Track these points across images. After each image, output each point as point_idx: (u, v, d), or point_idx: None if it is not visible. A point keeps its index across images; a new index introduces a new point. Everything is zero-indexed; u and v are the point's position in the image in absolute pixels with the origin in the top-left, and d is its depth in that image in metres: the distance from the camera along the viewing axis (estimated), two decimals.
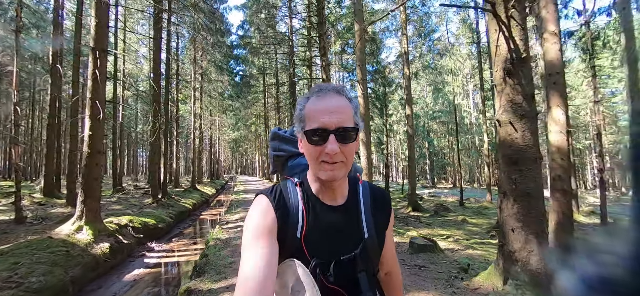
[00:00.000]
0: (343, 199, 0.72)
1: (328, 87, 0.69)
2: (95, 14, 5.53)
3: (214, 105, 23.85)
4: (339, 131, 0.63)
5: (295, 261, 0.64)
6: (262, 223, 0.64)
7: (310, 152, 0.65)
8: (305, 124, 0.66)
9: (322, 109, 0.64)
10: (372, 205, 0.75)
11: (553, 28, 4.14)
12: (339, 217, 0.70)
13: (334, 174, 0.64)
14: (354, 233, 0.70)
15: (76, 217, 5.23)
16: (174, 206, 10.38)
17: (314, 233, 0.67)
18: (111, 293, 4.26)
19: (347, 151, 0.64)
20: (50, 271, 3.83)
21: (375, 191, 0.79)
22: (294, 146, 0.85)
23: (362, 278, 0.68)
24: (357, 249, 0.68)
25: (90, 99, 5.40)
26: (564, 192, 4.05)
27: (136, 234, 6.54)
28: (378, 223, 0.74)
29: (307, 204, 0.69)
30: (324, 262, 0.65)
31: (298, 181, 0.72)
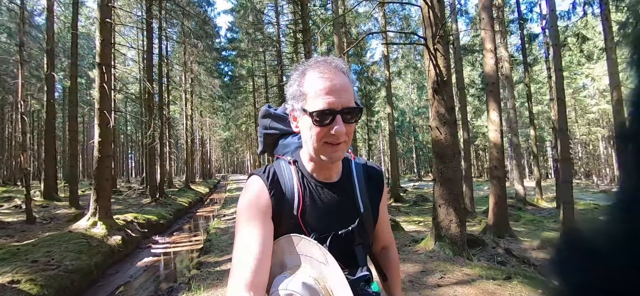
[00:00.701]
0: (338, 176, 0.72)
1: (330, 62, 0.65)
2: (100, 33, 6.20)
3: (204, 106, 24.33)
4: (345, 111, 0.62)
5: (293, 235, 0.64)
6: (256, 204, 0.64)
7: (314, 133, 0.63)
8: (306, 102, 0.64)
9: (327, 88, 0.62)
10: (366, 181, 0.76)
11: (490, 46, 5.11)
12: (334, 193, 0.70)
13: (337, 154, 0.64)
14: (349, 208, 0.71)
15: (90, 214, 5.94)
16: (171, 204, 11.07)
17: (311, 210, 0.67)
18: (128, 276, 5.04)
19: (349, 131, 0.64)
20: (77, 257, 4.58)
21: (368, 167, 0.79)
22: (286, 124, 0.84)
23: (358, 251, 0.70)
24: (354, 223, 0.69)
25: (99, 110, 6.08)
26: (499, 179, 5.05)
27: (141, 229, 7.26)
28: (372, 197, 0.75)
29: (302, 182, 0.69)
30: (321, 237, 0.66)
31: (291, 159, 0.72)
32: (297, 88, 0.65)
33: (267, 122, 0.89)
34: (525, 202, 11.17)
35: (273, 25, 18.25)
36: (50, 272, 3.92)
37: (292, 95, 0.67)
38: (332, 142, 0.63)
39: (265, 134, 0.90)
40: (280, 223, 0.66)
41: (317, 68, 0.64)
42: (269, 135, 0.89)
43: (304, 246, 0.63)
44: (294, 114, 0.68)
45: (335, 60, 0.66)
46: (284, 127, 0.86)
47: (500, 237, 4.89)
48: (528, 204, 11.23)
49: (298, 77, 0.67)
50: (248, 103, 26.62)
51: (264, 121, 0.90)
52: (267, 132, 0.89)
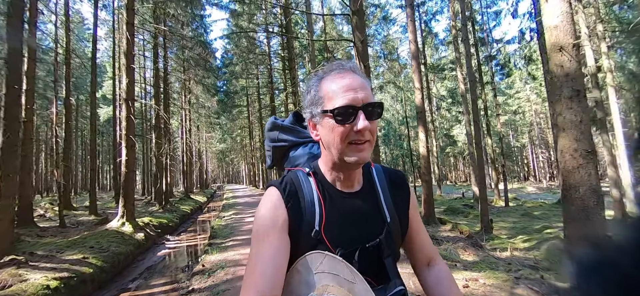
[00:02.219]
0: (359, 185, 0.69)
1: (344, 64, 0.65)
2: (127, 75, 7.98)
3: (201, 122, 26.03)
4: (367, 107, 0.60)
5: (316, 252, 0.61)
6: (272, 217, 0.61)
7: (337, 133, 0.61)
8: (325, 104, 0.62)
9: (346, 85, 0.61)
10: (390, 187, 0.72)
11: (418, 85, 7.04)
12: (358, 203, 0.67)
13: (363, 155, 0.61)
14: (375, 218, 0.67)
15: (119, 216, 7.61)
16: (176, 211, 12.69)
17: (334, 223, 0.64)
18: (154, 261, 6.71)
19: (373, 128, 0.62)
20: (118, 246, 6.26)
21: (390, 172, 0.76)
22: (295, 135, 0.83)
23: (389, 263, 0.65)
24: (381, 234, 0.66)
25: (126, 135, 7.82)
26: (427, 182, 6.92)
27: (156, 230, 8.92)
28: (398, 205, 0.71)
29: (323, 193, 0.66)
30: (348, 252, 0.62)
31: (310, 170, 0.69)
32: (315, 93, 0.64)
33: (275, 134, 0.86)
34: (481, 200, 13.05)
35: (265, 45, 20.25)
36: (103, 253, 5.61)
37: (310, 102, 0.65)
38: (357, 142, 0.60)
39: (273, 148, 0.87)
40: (300, 237, 0.62)
41: (332, 71, 0.64)
42: (278, 148, 0.86)
43: (330, 264, 0.59)
44: (314, 121, 0.66)
45: (348, 62, 0.66)
46: (293, 138, 0.84)
47: (428, 224, 6.72)
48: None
49: (315, 84, 0.66)
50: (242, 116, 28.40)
51: (272, 134, 0.87)
52: (276, 145, 0.86)
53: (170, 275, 5.73)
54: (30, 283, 3.89)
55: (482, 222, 7.33)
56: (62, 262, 4.82)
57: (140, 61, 20.48)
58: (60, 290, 4.07)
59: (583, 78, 2.98)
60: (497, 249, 5.54)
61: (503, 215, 10.54)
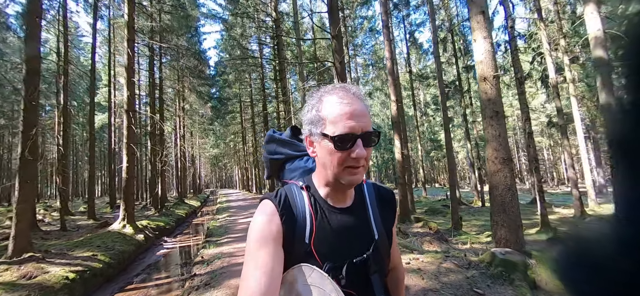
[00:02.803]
0: (351, 201, 0.72)
1: (349, 89, 0.67)
2: (128, 88, 8.61)
3: (195, 127, 26.53)
4: (365, 135, 0.63)
5: (306, 265, 0.62)
6: (267, 230, 0.63)
7: (334, 157, 0.63)
8: (326, 127, 0.64)
9: (349, 113, 0.63)
10: (379, 204, 0.75)
11: (393, 98, 7.88)
12: (348, 219, 0.69)
13: (357, 178, 0.64)
14: (364, 234, 0.70)
15: (121, 218, 8.19)
16: (172, 215, 13.23)
17: (324, 237, 0.66)
18: (154, 259, 7.32)
19: (368, 154, 0.64)
20: (121, 245, 6.87)
21: (380, 189, 0.78)
22: (292, 149, 0.86)
23: (375, 279, 0.67)
24: (369, 250, 0.67)
25: (127, 143, 8.43)
26: (402, 184, 7.74)
27: (154, 232, 9.49)
28: (386, 222, 0.74)
29: (315, 207, 0.68)
30: (336, 266, 0.64)
31: (304, 184, 0.71)
32: (316, 113, 0.66)
33: (273, 147, 0.89)
34: (460, 202, 13.99)
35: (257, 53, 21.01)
36: (110, 252, 6.22)
37: (310, 120, 0.67)
38: (352, 166, 0.63)
39: (270, 160, 0.89)
40: (292, 250, 0.64)
41: (335, 94, 0.65)
42: (275, 160, 0.88)
43: (316, 279, 0.61)
44: (312, 139, 0.67)
45: (353, 87, 0.68)
46: (289, 152, 0.86)
47: (402, 222, 7.52)
48: (462, 204, 14.05)
49: (316, 102, 0.67)
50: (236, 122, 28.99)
51: (269, 147, 0.90)
52: (273, 157, 0.88)
53: (170, 271, 6.38)
54: (52, 274, 4.51)
55: (453, 220, 8.17)
56: (74, 259, 5.43)
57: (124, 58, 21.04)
58: (76, 281, 4.71)
59: (501, 101, 3.81)
60: (459, 242, 6.34)
61: (477, 214, 11.44)
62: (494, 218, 3.85)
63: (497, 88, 3.78)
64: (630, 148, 0.19)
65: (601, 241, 0.22)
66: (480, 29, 3.82)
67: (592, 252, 0.22)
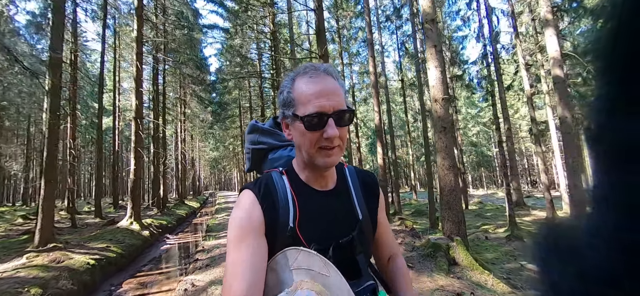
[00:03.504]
0: (333, 184, 0.72)
1: (319, 67, 0.66)
2: (136, 97, 9.46)
3: (195, 131, 27.38)
4: (337, 114, 0.62)
5: (291, 248, 0.61)
6: (248, 220, 0.62)
7: (307, 138, 0.62)
8: (297, 108, 0.63)
9: (318, 91, 0.61)
10: (362, 187, 0.75)
11: (376, 109, 8.74)
12: (331, 201, 0.69)
13: (332, 159, 0.63)
14: (348, 216, 0.70)
15: (128, 216, 8.99)
16: (173, 215, 14.01)
17: (309, 220, 0.65)
18: (159, 252, 8.12)
19: (343, 134, 0.63)
20: (129, 239, 7.67)
21: (363, 173, 0.79)
22: (275, 138, 0.85)
23: (360, 259, 0.68)
24: (353, 231, 0.68)
25: (134, 148, 9.26)
26: (382, 187, 8.58)
27: (157, 229, 10.29)
28: (369, 204, 0.74)
29: (297, 191, 0.67)
30: (322, 248, 0.64)
31: (283, 169, 0.70)
32: (288, 95, 0.65)
33: (255, 137, 0.88)
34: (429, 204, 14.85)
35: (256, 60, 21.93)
36: (121, 244, 7.03)
37: (283, 102, 0.66)
38: (326, 147, 0.62)
39: (252, 150, 0.88)
40: (276, 237, 0.63)
41: (306, 74, 0.64)
42: (257, 151, 0.87)
43: (304, 259, 0.59)
44: (286, 122, 0.67)
45: (323, 65, 0.66)
46: (272, 141, 0.85)
47: None
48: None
49: (288, 84, 0.66)
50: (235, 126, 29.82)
51: (251, 136, 0.89)
52: (255, 147, 0.87)
53: (174, 262, 7.19)
54: (75, 260, 5.32)
55: (430, 220, 8.99)
56: (91, 249, 6.24)
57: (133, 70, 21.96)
58: (96, 267, 5.52)
59: (449, 118, 4.67)
60: (430, 238, 7.15)
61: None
62: (442, 214, 4.70)
63: (446, 108, 4.64)
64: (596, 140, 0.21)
65: (572, 228, 0.25)
66: (432, 59, 4.69)
67: (562, 237, 0.25)
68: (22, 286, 4.07)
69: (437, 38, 4.74)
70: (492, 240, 7.07)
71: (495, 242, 6.84)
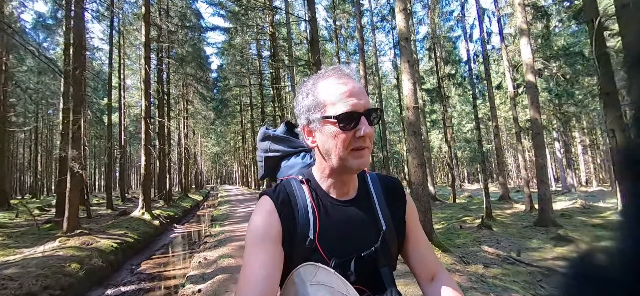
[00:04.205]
0: (355, 193, 0.70)
1: (343, 69, 0.65)
2: (145, 98, 10.27)
3: (198, 127, 28.23)
4: (368, 113, 0.62)
5: (309, 264, 0.60)
6: (265, 227, 0.61)
7: (339, 139, 0.61)
8: (326, 109, 0.62)
9: (348, 91, 0.61)
10: (386, 195, 0.72)
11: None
12: (353, 211, 0.67)
13: (364, 160, 0.62)
14: (370, 227, 0.67)
15: (140, 207, 9.88)
16: (178, 207, 14.93)
17: (329, 232, 0.64)
18: (169, 239, 9.02)
19: (372, 134, 0.63)
20: (143, 227, 8.57)
21: (386, 180, 0.76)
22: (287, 145, 0.83)
23: (384, 272, 0.65)
24: (376, 243, 0.65)
25: (144, 145, 10.10)
26: None
27: (166, 219, 11.19)
28: (394, 212, 0.71)
29: (318, 201, 0.66)
30: (343, 262, 0.62)
31: (303, 178, 0.69)
32: (313, 99, 0.64)
33: (267, 145, 0.87)
34: (434, 198, 15.70)
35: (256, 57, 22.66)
36: (136, 231, 7.92)
37: (307, 108, 0.65)
38: (358, 148, 0.61)
39: (265, 158, 0.87)
40: (294, 248, 0.62)
41: (331, 76, 0.64)
42: (270, 158, 0.86)
43: (323, 276, 0.58)
44: (311, 127, 0.65)
45: (346, 67, 0.66)
46: (285, 148, 0.84)
47: None
48: (437, 200, 15.74)
49: (310, 89, 0.65)
50: (236, 122, 30.64)
51: (263, 144, 0.88)
52: (268, 155, 0.86)
53: (184, 247, 8.10)
54: (101, 243, 6.21)
55: None
56: (112, 235, 7.14)
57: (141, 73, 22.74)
58: (118, 249, 6.41)
59: (419, 124, 5.49)
60: None
61: (445, 208, 13.08)
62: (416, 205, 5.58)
63: (416, 115, 5.47)
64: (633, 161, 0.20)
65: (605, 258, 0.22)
66: (405, 72, 5.50)
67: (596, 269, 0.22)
68: (64, 262, 4.96)
69: (410, 54, 5.54)
70: (466, 229, 7.92)
71: (468, 231, 7.70)
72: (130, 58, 22.77)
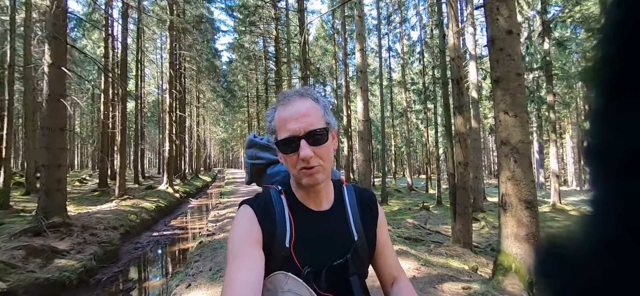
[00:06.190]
0: (329, 204, 0.72)
1: (291, 93, 0.69)
2: (169, 96, 12.76)
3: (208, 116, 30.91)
4: (309, 135, 0.64)
5: (281, 273, 0.63)
6: (247, 233, 0.64)
7: (287, 161, 0.66)
8: (277, 134, 0.66)
9: (288, 116, 0.65)
10: (359, 207, 0.75)
11: (346, 112, 11.88)
12: (326, 222, 0.70)
13: (314, 178, 0.65)
14: (343, 237, 0.70)
15: (165, 183, 12.56)
16: (192, 185, 17.68)
17: (304, 241, 0.66)
18: (187, 208, 11.68)
19: (322, 153, 0.65)
20: (169, 198, 11.24)
21: (361, 192, 0.79)
22: (272, 153, 0.87)
23: (354, 281, 0.68)
24: (348, 253, 0.68)
25: (169, 134, 12.67)
26: (346, 173, 11.86)
27: (183, 194, 13.89)
28: (366, 224, 0.74)
29: (294, 211, 0.68)
30: (315, 270, 0.65)
31: (282, 188, 0.72)
32: (270, 124, 0.69)
33: (253, 152, 0.91)
34: (411, 188, 18.04)
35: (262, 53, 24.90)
36: (164, 200, 10.58)
37: (269, 130, 0.70)
38: (306, 168, 0.64)
39: (251, 165, 0.91)
40: (271, 254, 0.65)
41: (281, 101, 0.68)
42: (256, 165, 0.90)
43: (293, 286, 0.62)
44: (275, 146, 0.70)
45: (299, 89, 0.70)
46: (270, 156, 0.88)
47: None
48: (413, 190, 18.08)
49: (271, 113, 0.70)
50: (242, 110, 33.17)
51: (250, 151, 0.92)
52: (253, 162, 0.90)
53: (200, 213, 10.74)
54: (145, 205, 8.85)
55: (382, 197, 12.27)
56: (150, 200, 9.78)
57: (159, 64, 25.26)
58: (156, 210, 9.05)
59: (370, 133, 7.86)
60: None
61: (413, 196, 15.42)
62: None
63: (366, 126, 7.83)
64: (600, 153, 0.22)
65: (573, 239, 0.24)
66: (360, 96, 7.82)
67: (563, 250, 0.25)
68: (125, 213, 7.59)
69: (364, 83, 7.85)
70: (413, 210, 10.32)
71: (413, 212, 10.10)
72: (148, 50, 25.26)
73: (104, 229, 6.08)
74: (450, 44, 5.42)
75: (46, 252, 4.51)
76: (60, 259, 4.55)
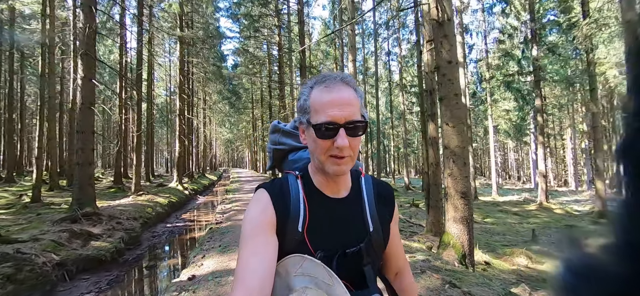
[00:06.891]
0: (346, 192, 0.72)
1: (335, 76, 0.67)
2: (180, 100, 13.76)
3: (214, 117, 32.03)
4: (349, 124, 0.63)
5: (296, 255, 0.64)
6: (261, 218, 0.65)
7: (318, 145, 0.65)
8: (311, 115, 0.66)
9: (331, 101, 0.64)
10: (376, 198, 0.75)
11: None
12: (342, 209, 0.70)
13: (342, 168, 0.65)
14: (358, 226, 0.70)
15: (175, 180, 13.57)
16: (199, 183, 18.70)
17: (317, 227, 0.67)
18: (196, 205, 12.66)
19: (355, 144, 0.65)
20: (179, 194, 12.23)
21: (379, 184, 0.79)
22: (295, 140, 0.87)
23: (368, 271, 0.69)
24: (362, 242, 0.68)
25: (179, 135, 13.67)
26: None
27: (192, 191, 14.89)
28: (382, 216, 0.74)
29: (309, 197, 0.69)
30: (327, 256, 0.65)
31: (299, 173, 0.72)
32: (304, 102, 0.68)
33: (276, 137, 0.91)
34: (408, 187, 18.77)
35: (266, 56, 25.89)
36: (175, 196, 11.57)
37: (300, 108, 0.69)
38: (336, 156, 0.63)
39: (273, 150, 0.92)
40: (285, 239, 0.65)
41: (322, 83, 0.66)
42: (278, 150, 0.91)
43: (309, 267, 0.62)
44: (302, 127, 0.70)
45: (341, 74, 0.68)
46: (292, 143, 0.88)
47: None
48: (410, 189, 18.81)
49: (306, 91, 0.69)
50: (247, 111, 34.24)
51: (273, 136, 0.93)
52: (276, 147, 0.91)
53: (207, 208, 11.71)
54: (159, 199, 9.83)
55: None
56: (161, 196, 10.77)
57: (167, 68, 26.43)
58: (168, 204, 10.03)
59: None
60: None
61: (409, 194, 16.15)
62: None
63: None
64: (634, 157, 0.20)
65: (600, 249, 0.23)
66: None
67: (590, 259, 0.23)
68: (142, 207, 8.56)
69: None
70: (404, 207, 11.10)
71: (404, 208, 10.89)
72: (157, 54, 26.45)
73: (126, 219, 7.04)
74: (425, 60, 6.24)
75: (84, 235, 5.48)
76: (95, 241, 5.51)
